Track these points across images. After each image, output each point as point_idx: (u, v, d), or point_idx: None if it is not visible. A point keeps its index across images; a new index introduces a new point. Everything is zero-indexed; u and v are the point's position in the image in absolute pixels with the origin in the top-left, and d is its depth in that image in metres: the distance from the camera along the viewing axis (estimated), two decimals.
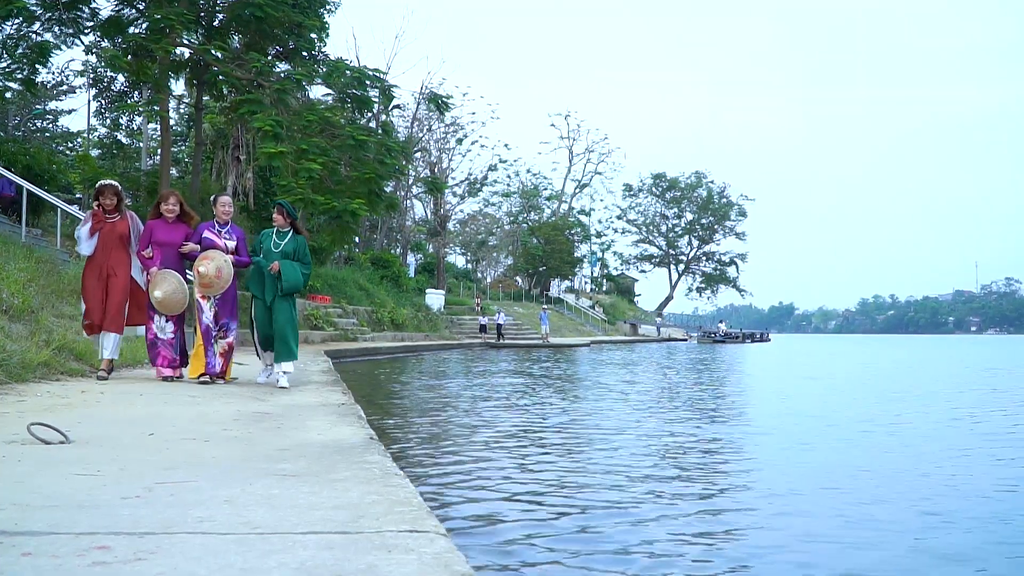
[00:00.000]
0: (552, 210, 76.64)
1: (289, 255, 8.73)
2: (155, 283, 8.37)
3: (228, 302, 8.74)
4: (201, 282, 8.41)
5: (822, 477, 6.77)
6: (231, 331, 8.78)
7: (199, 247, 8.61)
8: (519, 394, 13.48)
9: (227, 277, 8.50)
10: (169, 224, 8.71)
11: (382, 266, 41.61)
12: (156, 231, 8.62)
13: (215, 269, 8.41)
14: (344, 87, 20.92)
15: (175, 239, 8.64)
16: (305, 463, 4.02)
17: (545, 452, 7.61)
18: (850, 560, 4.40)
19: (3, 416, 5.36)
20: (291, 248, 8.76)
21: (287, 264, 8.64)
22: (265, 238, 8.87)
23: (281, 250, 8.70)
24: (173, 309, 8.51)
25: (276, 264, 8.56)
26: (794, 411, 12.02)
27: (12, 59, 20.51)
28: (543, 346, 40.10)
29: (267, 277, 8.62)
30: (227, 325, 8.73)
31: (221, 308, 8.66)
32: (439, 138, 53.72)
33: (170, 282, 8.39)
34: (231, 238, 8.80)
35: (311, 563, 2.36)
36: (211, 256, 8.48)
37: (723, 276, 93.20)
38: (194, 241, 8.66)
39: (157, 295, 8.32)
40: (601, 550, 4.43)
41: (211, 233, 8.74)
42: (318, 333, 23.85)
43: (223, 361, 8.67)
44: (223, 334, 8.69)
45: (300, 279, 8.75)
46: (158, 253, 8.52)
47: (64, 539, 2.54)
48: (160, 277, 8.40)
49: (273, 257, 8.64)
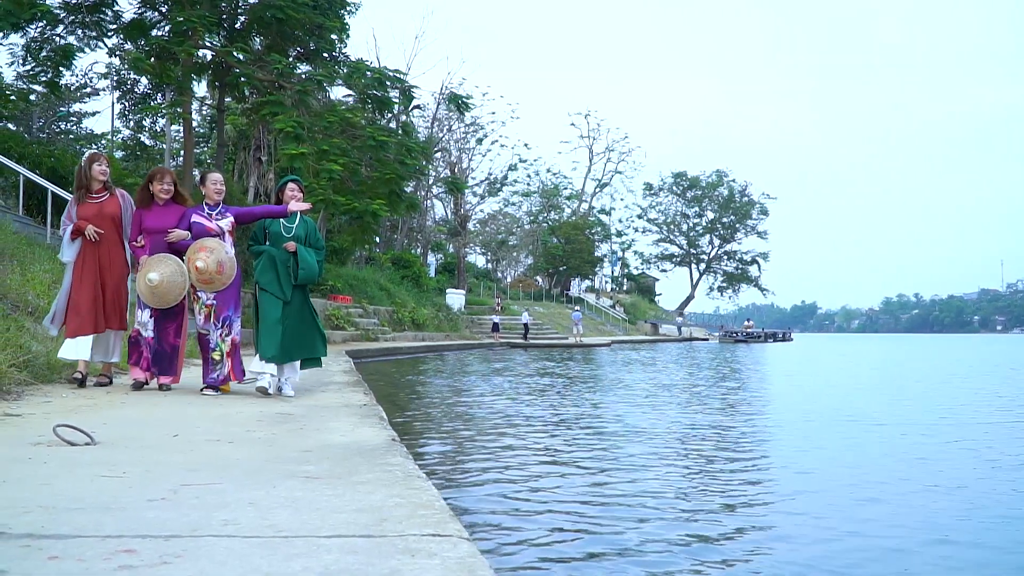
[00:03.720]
0: (572, 209, 76.57)
1: (301, 240, 7.61)
2: (151, 265, 7.16)
3: (229, 291, 7.50)
4: (199, 279, 7.23)
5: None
6: (235, 325, 7.55)
7: (189, 234, 7.40)
8: (542, 393, 13.47)
9: (230, 273, 7.36)
10: (162, 208, 7.49)
11: (403, 266, 41.70)
12: (147, 216, 7.42)
13: (215, 263, 7.24)
14: (364, 88, 20.95)
15: (170, 224, 7.43)
16: (328, 465, 4.03)
17: (571, 452, 7.60)
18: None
19: (29, 418, 5.41)
20: (302, 232, 7.66)
21: (303, 249, 7.57)
22: (271, 221, 7.68)
23: (293, 234, 7.60)
24: (168, 299, 7.21)
25: (292, 243, 7.51)
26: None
27: (36, 62, 20.69)
28: (576, 346, 40.25)
29: (281, 268, 7.47)
30: (229, 319, 7.50)
31: (221, 300, 7.44)
32: (459, 138, 53.81)
33: (168, 264, 7.16)
34: (223, 217, 7.58)
35: (335, 567, 2.37)
36: (210, 246, 7.28)
37: (745, 275, 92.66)
38: (182, 227, 7.42)
39: (152, 277, 7.06)
40: (625, 554, 4.42)
41: (200, 216, 7.50)
42: (339, 333, 23.93)
43: (231, 362, 7.49)
44: (227, 330, 7.46)
45: (316, 267, 7.65)
46: (148, 242, 7.36)
47: (90, 542, 2.56)
48: (157, 259, 7.20)
49: (284, 242, 7.55)
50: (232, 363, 7.50)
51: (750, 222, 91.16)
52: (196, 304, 7.41)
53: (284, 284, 7.45)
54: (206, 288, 7.31)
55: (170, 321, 7.44)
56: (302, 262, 7.48)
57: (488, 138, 55.70)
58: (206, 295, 7.35)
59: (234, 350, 7.52)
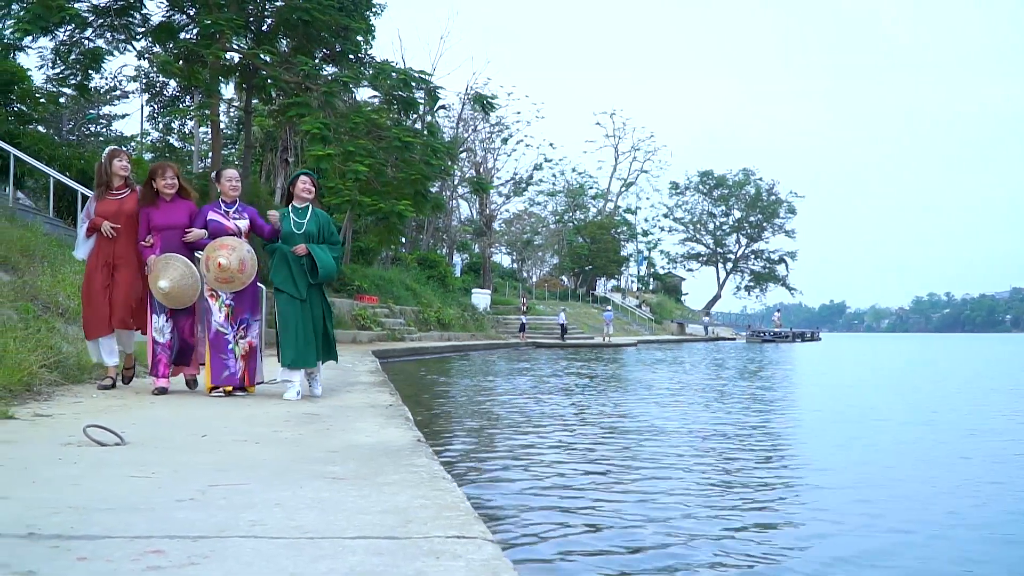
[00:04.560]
0: (598, 209, 76.41)
1: (314, 236, 7.27)
2: (157, 270, 6.93)
3: (247, 294, 7.30)
4: (219, 277, 7.01)
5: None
6: (252, 329, 7.36)
7: (206, 233, 7.19)
8: (567, 393, 13.46)
9: (251, 271, 7.15)
10: (168, 204, 7.25)
11: (428, 266, 41.79)
12: (155, 214, 7.17)
13: (238, 261, 7.02)
14: (390, 89, 21.04)
15: (177, 220, 7.18)
16: (354, 466, 4.05)
17: (596, 453, 7.59)
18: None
19: (59, 418, 5.48)
20: (314, 227, 7.30)
21: (316, 247, 7.23)
22: (281, 218, 7.33)
23: (304, 231, 7.25)
24: (183, 301, 7.07)
25: (303, 246, 7.16)
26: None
27: (65, 65, 20.93)
28: (605, 345, 40.32)
29: (295, 265, 7.18)
30: (247, 322, 7.30)
31: (238, 303, 7.24)
32: (484, 138, 53.79)
33: (176, 267, 6.93)
34: (241, 217, 7.37)
35: (360, 568, 2.38)
36: (231, 244, 7.09)
37: (772, 274, 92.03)
38: (198, 225, 7.20)
39: (163, 285, 6.86)
40: (650, 556, 4.41)
41: (217, 214, 7.28)
42: (365, 333, 24.02)
43: (244, 365, 7.30)
44: (243, 332, 7.26)
45: (333, 265, 7.32)
46: (158, 240, 7.14)
47: (119, 543, 2.59)
48: (163, 263, 6.94)
49: (296, 240, 7.21)
50: (248, 367, 7.33)
51: (777, 221, 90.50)
52: (215, 301, 7.18)
53: (299, 282, 7.18)
54: (225, 287, 7.10)
55: (185, 318, 7.27)
56: (318, 261, 7.15)
57: (513, 138, 55.66)
58: (225, 295, 7.16)
59: (251, 354, 7.36)
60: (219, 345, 7.15)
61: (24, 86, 23.13)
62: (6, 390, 6.03)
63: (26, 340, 7.25)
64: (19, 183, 17.79)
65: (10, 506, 3.00)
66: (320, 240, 7.32)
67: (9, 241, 10.44)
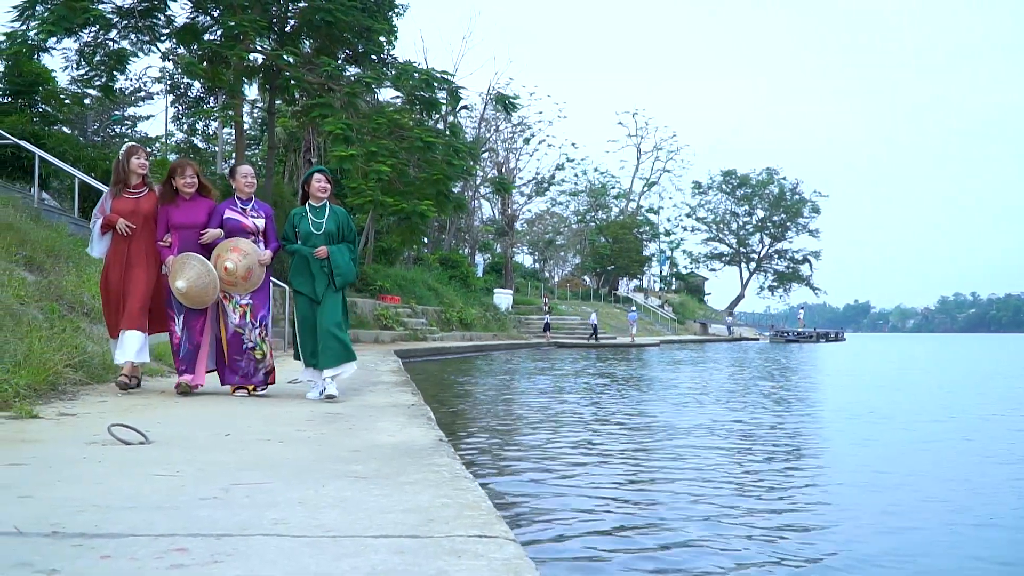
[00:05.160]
0: (620, 208, 76.28)
1: (333, 235, 7.07)
2: (175, 271, 6.75)
3: (263, 291, 7.17)
4: (224, 279, 6.84)
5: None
6: (269, 326, 7.26)
7: (222, 232, 7.01)
8: (589, 392, 13.44)
9: (255, 281, 7.00)
10: (188, 202, 7.06)
11: (451, 266, 41.87)
12: (174, 213, 6.99)
13: (245, 269, 6.87)
14: (412, 89, 21.10)
15: (198, 220, 7.02)
16: (376, 465, 4.05)
17: (620, 453, 7.57)
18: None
19: (84, 417, 5.51)
20: (334, 226, 7.08)
21: (335, 250, 7.03)
22: (299, 218, 7.12)
23: (324, 230, 7.04)
24: (202, 301, 6.86)
25: (323, 249, 6.96)
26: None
27: (90, 66, 21.11)
28: (630, 345, 40.31)
29: (314, 266, 6.99)
30: (265, 319, 7.16)
31: (257, 300, 7.08)
32: (506, 138, 53.79)
33: (193, 267, 6.73)
34: (258, 215, 7.18)
35: (382, 567, 2.37)
36: (244, 249, 6.92)
37: (796, 274, 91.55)
38: (214, 224, 7.01)
39: (180, 286, 6.68)
40: (674, 555, 4.39)
41: (234, 212, 7.09)
42: (388, 333, 24.08)
43: (270, 364, 7.22)
44: (264, 331, 7.11)
45: (352, 269, 7.16)
46: (176, 239, 6.96)
47: (143, 541, 2.59)
48: (180, 263, 6.77)
49: (315, 240, 7.01)
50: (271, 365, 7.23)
51: (801, 220, 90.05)
52: (229, 303, 6.99)
53: (318, 284, 6.98)
54: (228, 289, 6.91)
55: (196, 319, 7.02)
56: (336, 269, 6.96)
57: (535, 138, 55.64)
58: (239, 296, 6.98)
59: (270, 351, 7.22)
60: (235, 346, 6.99)
61: (49, 87, 23.35)
62: (31, 389, 6.07)
63: (51, 340, 7.30)
64: (44, 184, 17.94)
65: (34, 505, 3.01)
66: (340, 238, 7.13)
67: (35, 241, 10.52)
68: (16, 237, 10.19)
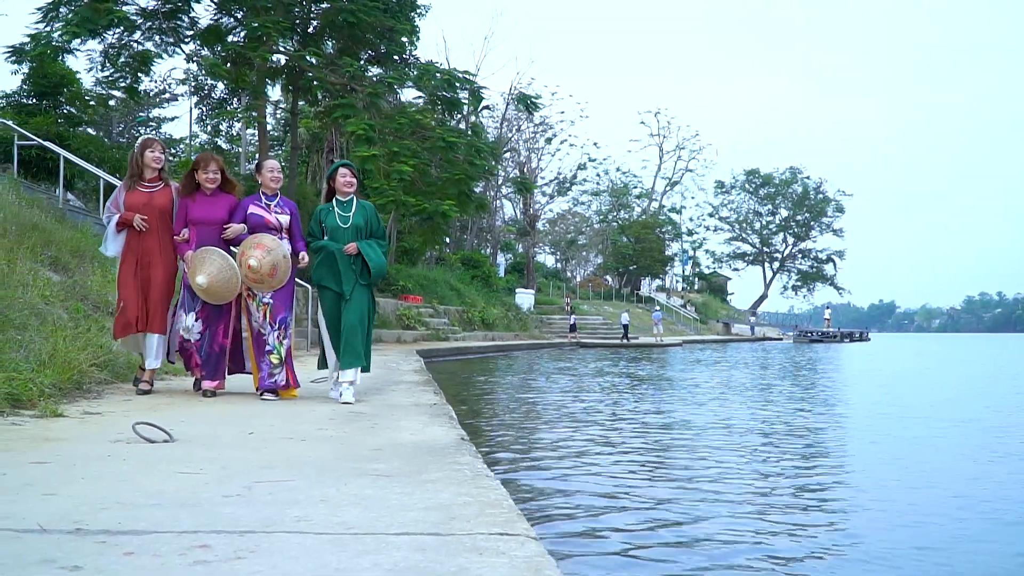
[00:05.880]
0: (642, 208, 76.07)
1: (361, 229, 6.87)
2: (195, 266, 6.52)
3: (285, 292, 6.93)
4: (248, 276, 6.64)
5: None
6: (289, 328, 6.99)
7: (245, 227, 6.81)
8: (612, 392, 13.40)
9: (282, 277, 6.77)
10: (208, 197, 6.83)
11: (472, 266, 41.91)
12: (193, 207, 6.76)
13: (270, 266, 6.65)
14: (434, 90, 21.16)
15: (217, 216, 6.79)
16: (398, 463, 4.06)
17: (643, 451, 7.54)
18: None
19: (109, 416, 5.55)
20: (361, 220, 6.89)
21: (365, 244, 6.84)
22: (325, 214, 6.93)
23: (351, 224, 6.85)
24: (225, 296, 6.64)
25: (353, 245, 6.78)
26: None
27: (115, 68, 21.28)
28: (656, 345, 40.32)
29: (342, 262, 6.78)
30: (285, 321, 6.92)
31: (278, 301, 6.87)
32: (528, 138, 53.82)
33: (213, 262, 6.51)
34: (283, 211, 6.96)
35: (403, 564, 2.38)
36: (268, 245, 6.69)
37: (820, 274, 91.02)
38: (237, 220, 6.80)
39: (200, 281, 6.45)
40: (696, 552, 4.37)
41: (258, 207, 6.89)
42: (410, 333, 24.12)
43: (287, 367, 6.93)
44: (283, 332, 6.88)
45: (384, 262, 6.94)
46: (194, 235, 6.72)
47: (166, 538, 2.60)
48: (200, 258, 6.54)
49: (343, 235, 6.82)
50: (288, 368, 6.94)
51: (825, 219, 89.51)
52: (252, 301, 6.82)
53: (345, 279, 6.78)
54: (253, 287, 6.74)
55: (220, 320, 6.84)
56: (369, 260, 6.76)
57: (557, 138, 55.61)
58: (262, 293, 6.79)
59: (288, 355, 6.97)
60: (260, 346, 6.83)
61: (73, 89, 23.57)
62: (56, 388, 6.13)
63: (76, 339, 7.36)
64: (69, 185, 18.11)
65: (58, 502, 3.04)
66: (368, 234, 6.93)
67: (60, 242, 10.62)
68: (41, 237, 10.29)
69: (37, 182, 18.17)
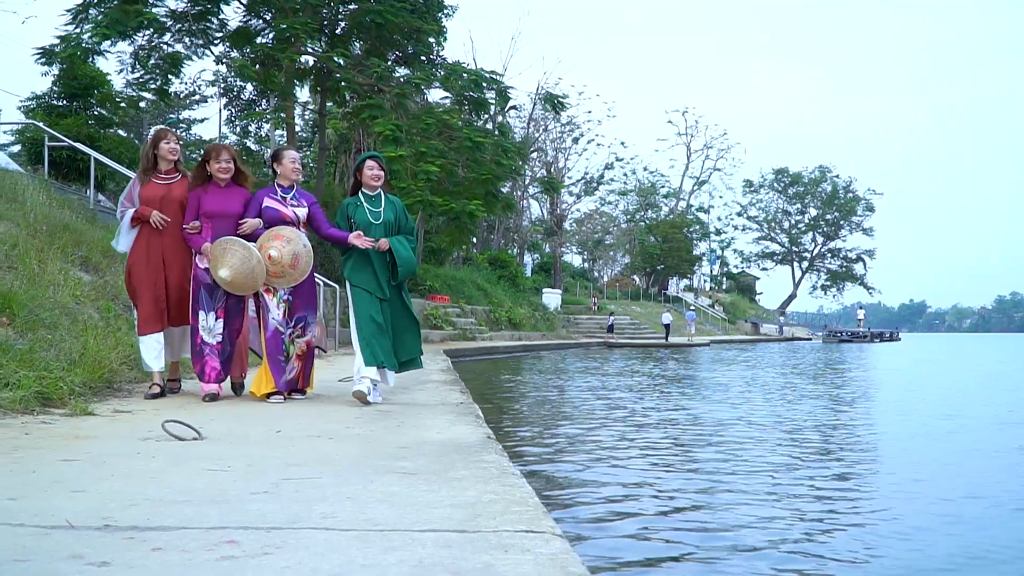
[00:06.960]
0: (670, 208, 75.81)
1: (391, 225, 6.58)
2: (216, 258, 6.24)
3: (305, 290, 6.66)
4: (270, 269, 6.34)
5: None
6: (310, 327, 6.69)
7: (261, 222, 6.49)
8: (638, 391, 13.36)
9: (304, 268, 6.49)
10: (222, 189, 6.52)
11: (499, 266, 41.95)
12: (205, 199, 6.44)
13: (291, 256, 6.37)
14: (461, 90, 21.17)
15: (231, 208, 6.47)
16: (424, 461, 4.06)
17: (672, 451, 7.51)
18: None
19: (139, 414, 5.60)
20: (391, 215, 6.60)
21: (395, 241, 6.55)
22: (353, 209, 6.60)
23: (382, 220, 6.56)
24: (250, 286, 6.38)
25: (384, 241, 6.48)
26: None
27: (145, 69, 21.46)
28: (686, 345, 40.31)
29: (376, 260, 6.49)
30: (305, 320, 6.64)
31: (296, 298, 6.58)
32: (555, 138, 53.82)
33: (235, 252, 6.23)
34: (299, 204, 6.64)
35: (429, 560, 2.38)
36: (287, 236, 6.42)
37: (849, 273, 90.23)
38: (252, 214, 6.48)
39: (224, 275, 6.19)
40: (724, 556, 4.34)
41: (274, 200, 6.56)
42: (437, 333, 24.18)
43: (300, 366, 6.64)
44: (300, 332, 6.60)
45: (414, 260, 6.67)
46: (208, 228, 6.42)
47: (194, 534, 2.62)
48: (220, 250, 6.25)
49: (374, 231, 6.48)
50: (303, 369, 6.68)
51: (855, 219, 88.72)
52: (273, 297, 6.52)
53: (382, 280, 6.49)
54: (275, 281, 6.43)
55: (236, 317, 6.64)
56: (399, 259, 6.46)
57: (584, 137, 55.58)
58: (283, 290, 6.52)
59: (308, 354, 6.72)
60: (275, 345, 6.50)
61: (104, 90, 23.79)
62: (87, 387, 6.19)
63: (106, 338, 7.44)
64: (100, 186, 18.26)
65: (87, 499, 3.06)
66: (397, 229, 6.63)
67: (91, 242, 10.72)
68: (72, 238, 10.39)
69: (68, 183, 18.36)
